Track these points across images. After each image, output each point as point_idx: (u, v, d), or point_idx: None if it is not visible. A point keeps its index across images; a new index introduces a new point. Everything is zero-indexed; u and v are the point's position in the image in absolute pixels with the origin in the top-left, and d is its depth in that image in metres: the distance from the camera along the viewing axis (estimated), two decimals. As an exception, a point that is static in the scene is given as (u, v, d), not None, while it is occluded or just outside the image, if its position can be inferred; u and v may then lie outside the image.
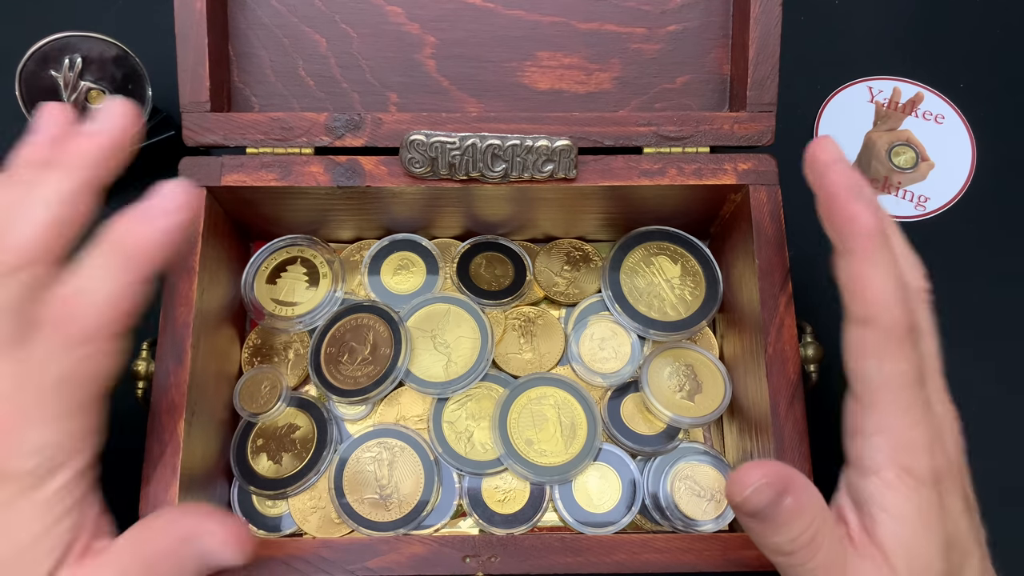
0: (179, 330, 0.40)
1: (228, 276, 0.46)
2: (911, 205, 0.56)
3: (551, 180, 0.44)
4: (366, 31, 0.47)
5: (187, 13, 0.43)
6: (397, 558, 0.37)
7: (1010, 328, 0.53)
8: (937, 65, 0.60)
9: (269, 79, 0.47)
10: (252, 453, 0.44)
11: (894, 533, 0.33)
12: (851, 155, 0.58)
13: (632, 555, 0.37)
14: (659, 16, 0.47)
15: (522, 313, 0.49)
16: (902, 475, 0.33)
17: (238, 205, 0.45)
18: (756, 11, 0.43)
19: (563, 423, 0.45)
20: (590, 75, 0.47)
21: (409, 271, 0.49)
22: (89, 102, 0.49)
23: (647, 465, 0.45)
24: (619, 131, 0.44)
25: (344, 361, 0.45)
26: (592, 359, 0.47)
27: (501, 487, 0.44)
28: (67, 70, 0.48)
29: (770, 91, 0.44)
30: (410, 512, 0.43)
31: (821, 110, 0.59)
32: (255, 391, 0.45)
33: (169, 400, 0.39)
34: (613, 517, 0.44)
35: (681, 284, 0.47)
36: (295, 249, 0.48)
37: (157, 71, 0.50)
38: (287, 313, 0.47)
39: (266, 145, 0.44)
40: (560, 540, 0.38)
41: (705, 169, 0.44)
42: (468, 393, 0.46)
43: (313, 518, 0.44)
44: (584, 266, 0.50)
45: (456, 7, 0.46)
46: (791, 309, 0.41)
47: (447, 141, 0.42)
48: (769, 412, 0.40)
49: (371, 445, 0.44)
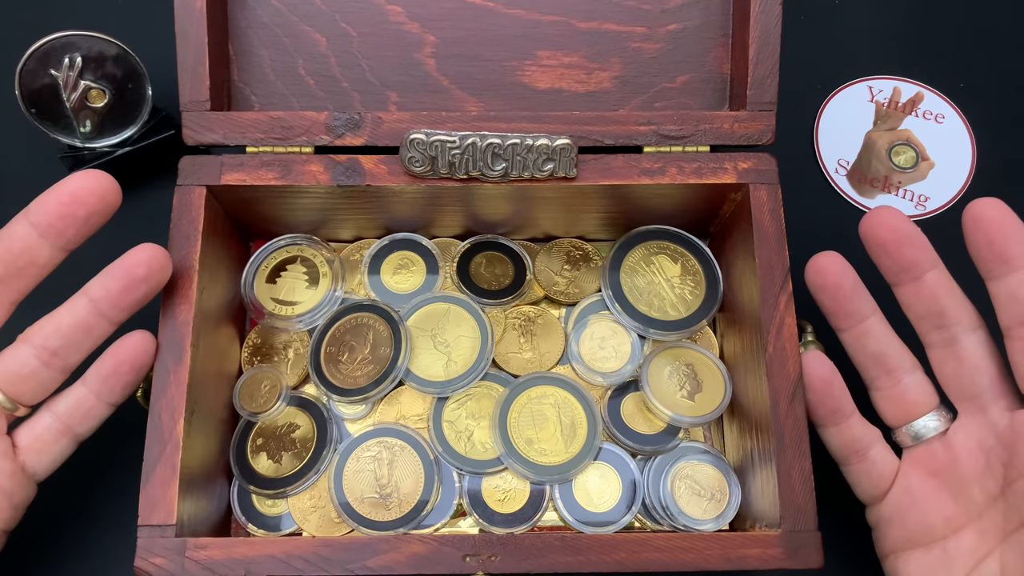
0: (179, 329, 0.40)
1: (228, 275, 0.46)
2: (911, 205, 0.56)
3: (551, 179, 0.44)
4: (366, 30, 0.47)
5: (187, 12, 0.43)
6: (397, 557, 0.37)
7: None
8: (937, 65, 0.60)
9: (269, 78, 0.47)
10: (252, 452, 0.44)
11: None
12: (851, 155, 0.58)
13: (632, 554, 0.37)
14: (659, 15, 0.47)
15: (522, 312, 0.49)
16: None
17: (238, 204, 0.45)
18: (756, 10, 0.43)
19: (563, 422, 0.45)
20: (590, 74, 0.47)
21: (409, 270, 0.49)
22: (89, 102, 0.49)
23: (647, 464, 0.45)
24: (619, 130, 0.44)
25: (344, 360, 0.45)
26: (592, 358, 0.47)
27: (501, 486, 0.44)
28: (67, 70, 0.48)
29: (770, 90, 0.44)
30: (410, 511, 0.43)
31: (821, 110, 0.59)
32: (255, 390, 0.45)
33: (169, 399, 0.39)
34: (613, 516, 0.44)
35: (681, 283, 0.47)
36: (295, 248, 0.48)
37: (157, 70, 0.50)
38: (287, 312, 0.47)
39: (266, 144, 0.44)
40: (560, 539, 0.38)
41: (705, 168, 0.44)
42: (468, 392, 0.46)
43: (313, 517, 0.44)
44: (584, 265, 0.50)
45: (456, 6, 0.46)
46: (791, 308, 0.41)
47: (447, 140, 0.42)
48: (769, 411, 0.40)
49: (371, 444, 0.44)
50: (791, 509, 0.38)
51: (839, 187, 0.57)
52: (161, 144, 0.52)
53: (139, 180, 0.54)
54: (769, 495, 0.39)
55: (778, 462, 0.39)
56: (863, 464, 0.41)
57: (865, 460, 0.41)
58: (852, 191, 0.57)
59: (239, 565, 0.37)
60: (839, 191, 0.57)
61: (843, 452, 0.41)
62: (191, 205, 0.42)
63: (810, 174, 0.58)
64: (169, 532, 0.37)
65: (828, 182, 0.57)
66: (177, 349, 0.40)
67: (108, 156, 0.51)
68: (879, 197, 0.56)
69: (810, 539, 0.38)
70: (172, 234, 0.42)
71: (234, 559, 0.37)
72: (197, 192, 0.43)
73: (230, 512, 0.44)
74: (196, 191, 0.43)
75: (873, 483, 0.41)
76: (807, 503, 0.38)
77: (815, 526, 0.38)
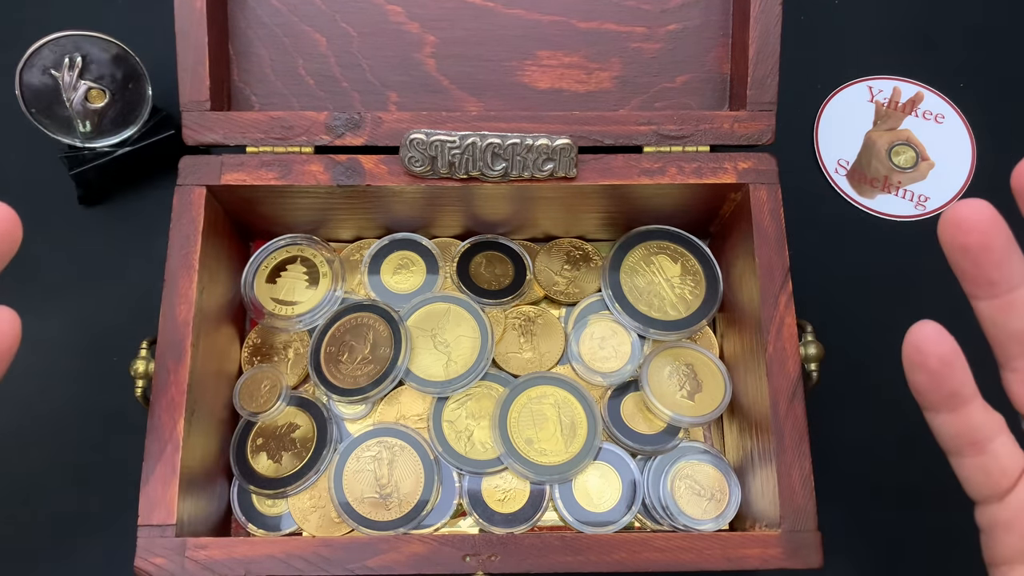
0: (179, 329, 0.40)
1: (228, 275, 0.46)
2: (911, 205, 0.56)
3: (551, 179, 0.44)
4: (366, 30, 0.47)
5: (187, 12, 0.43)
6: (397, 557, 0.37)
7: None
8: (937, 65, 0.60)
9: (269, 78, 0.47)
10: (252, 452, 0.44)
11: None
12: (851, 155, 0.58)
13: (632, 554, 0.37)
14: (659, 15, 0.47)
15: (522, 312, 0.49)
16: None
17: (238, 204, 0.45)
18: (756, 10, 0.43)
19: (563, 422, 0.45)
20: (590, 74, 0.47)
21: (409, 270, 0.49)
22: (89, 102, 0.49)
23: (647, 464, 0.45)
24: (619, 130, 0.44)
25: (344, 360, 0.45)
26: (592, 358, 0.47)
27: (501, 486, 0.44)
28: (67, 70, 0.48)
29: (770, 90, 0.44)
30: (410, 511, 0.43)
31: (821, 110, 0.59)
32: (255, 390, 0.45)
33: (169, 399, 0.39)
34: (613, 516, 0.44)
35: (681, 283, 0.47)
36: (295, 248, 0.48)
37: (157, 71, 0.50)
38: (287, 312, 0.47)
39: (266, 144, 0.44)
40: (560, 539, 0.38)
41: (705, 168, 0.44)
42: (468, 392, 0.46)
43: (313, 517, 0.44)
44: (584, 265, 0.50)
45: (456, 6, 0.46)
46: (791, 308, 0.41)
47: (447, 140, 0.42)
48: (769, 411, 0.40)
49: (371, 444, 0.44)
50: (791, 509, 0.38)
51: (839, 187, 0.57)
52: (161, 144, 0.52)
53: (139, 180, 0.54)
54: (769, 495, 0.39)
55: (778, 462, 0.39)
56: (981, 458, 0.34)
57: (985, 453, 0.34)
58: (852, 191, 0.57)
59: (239, 565, 0.37)
60: (839, 191, 0.57)
61: (957, 442, 0.34)
62: (191, 205, 0.42)
63: (810, 174, 0.58)
64: (169, 532, 0.37)
65: (828, 182, 0.57)
66: (177, 349, 0.40)
67: (108, 156, 0.51)
68: (879, 197, 0.56)
69: (810, 539, 0.38)
70: (172, 234, 0.42)
71: (234, 559, 0.37)
72: (197, 192, 0.43)
73: (230, 512, 0.44)
74: (196, 191, 0.43)
75: (992, 480, 0.34)
76: (807, 503, 0.38)
77: (815, 526, 0.38)
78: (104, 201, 0.54)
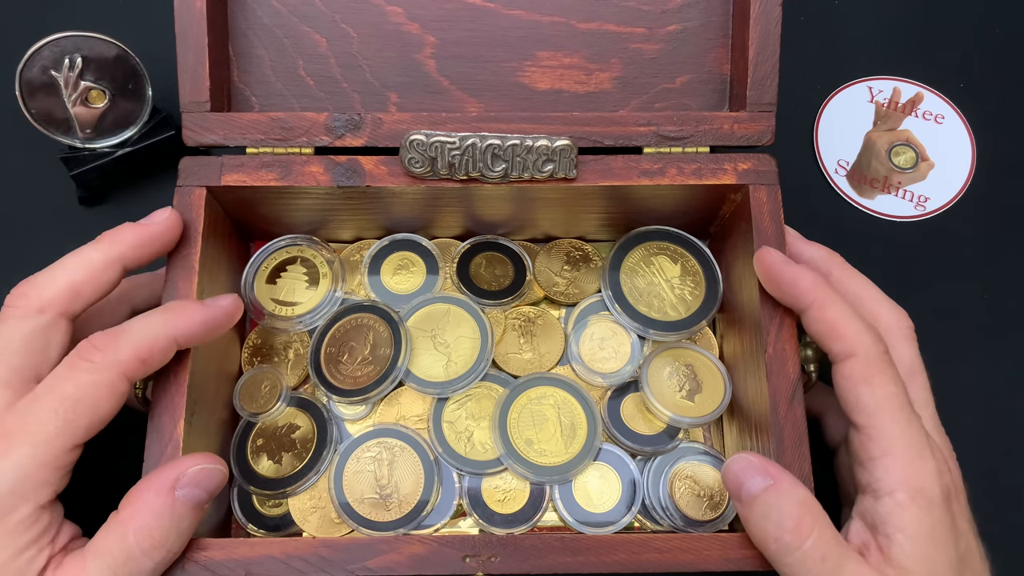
0: (179, 330, 0.40)
1: (228, 276, 0.46)
2: (911, 205, 0.56)
3: (551, 180, 0.44)
4: (366, 31, 0.47)
5: (187, 13, 0.43)
6: (397, 558, 0.37)
7: (1009, 328, 0.53)
8: (937, 65, 0.60)
9: (269, 79, 0.47)
10: (252, 453, 0.44)
11: (910, 552, 0.34)
12: (851, 155, 0.58)
13: (632, 555, 0.37)
14: (659, 16, 0.47)
15: (522, 313, 0.49)
16: (915, 495, 0.35)
17: (238, 205, 0.45)
18: (756, 11, 0.43)
19: (563, 423, 0.45)
20: (590, 75, 0.47)
21: (409, 271, 0.49)
22: (89, 102, 0.49)
23: (647, 465, 0.45)
24: (619, 131, 0.44)
25: (344, 361, 0.46)
26: (592, 359, 0.47)
27: (501, 487, 0.44)
28: (67, 70, 0.48)
29: (770, 91, 0.44)
30: (410, 512, 0.43)
31: (821, 110, 0.59)
32: (255, 391, 0.45)
33: (169, 400, 0.39)
34: (613, 517, 0.44)
35: (681, 284, 0.47)
36: (295, 249, 0.48)
37: (157, 71, 0.50)
38: (287, 313, 0.47)
39: (266, 145, 0.44)
40: (560, 540, 0.38)
41: (705, 169, 0.44)
42: (468, 393, 0.46)
43: (313, 518, 0.44)
44: (584, 266, 0.50)
45: (456, 7, 0.46)
46: (791, 309, 0.41)
47: (447, 141, 0.42)
48: (769, 412, 0.40)
49: (371, 445, 0.44)
50: (791, 510, 0.38)
51: (839, 188, 0.57)
52: (161, 144, 0.52)
53: (139, 180, 0.54)
54: (769, 496, 0.39)
55: (778, 462, 0.39)
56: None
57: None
58: (852, 191, 0.57)
59: (239, 566, 0.37)
60: (839, 191, 0.57)
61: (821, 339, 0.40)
62: (191, 206, 0.42)
63: (810, 175, 0.58)
64: (169, 533, 0.37)
65: (828, 183, 0.57)
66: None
67: (108, 156, 0.51)
68: (879, 197, 0.56)
69: (810, 540, 0.38)
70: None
71: (234, 560, 0.37)
72: (197, 193, 0.43)
73: (230, 513, 0.44)
74: (196, 192, 0.43)
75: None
76: (807, 504, 0.38)
77: (815, 527, 0.38)
78: (104, 201, 0.54)
